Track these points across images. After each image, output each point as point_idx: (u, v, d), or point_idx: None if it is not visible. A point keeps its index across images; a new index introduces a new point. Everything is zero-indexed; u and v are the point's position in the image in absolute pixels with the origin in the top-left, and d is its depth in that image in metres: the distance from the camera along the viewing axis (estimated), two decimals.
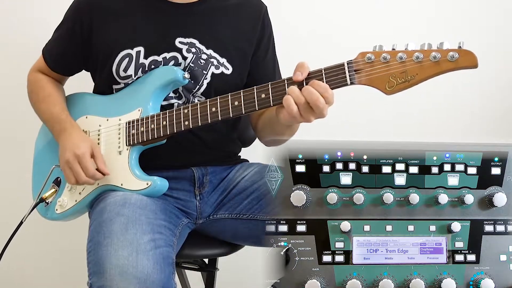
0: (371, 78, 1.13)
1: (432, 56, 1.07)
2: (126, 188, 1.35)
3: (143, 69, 1.41)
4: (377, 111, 2.08)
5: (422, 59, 1.08)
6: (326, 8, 2.09)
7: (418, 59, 1.09)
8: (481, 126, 2.17)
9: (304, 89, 1.17)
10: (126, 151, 1.38)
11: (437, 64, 1.08)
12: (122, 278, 1.10)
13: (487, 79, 2.13)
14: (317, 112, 1.17)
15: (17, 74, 1.71)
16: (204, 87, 1.43)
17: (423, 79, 1.10)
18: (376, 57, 1.12)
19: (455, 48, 1.07)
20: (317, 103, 1.15)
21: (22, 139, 1.77)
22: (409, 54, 1.10)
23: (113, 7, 1.44)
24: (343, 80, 1.16)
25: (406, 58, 1.10)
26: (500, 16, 2.14)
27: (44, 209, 1.49)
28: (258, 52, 1.51)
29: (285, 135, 1.37)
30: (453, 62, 1.06)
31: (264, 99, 1.24)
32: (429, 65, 1.08)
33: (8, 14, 2.00)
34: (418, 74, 1.09)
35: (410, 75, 1.10)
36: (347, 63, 1.16)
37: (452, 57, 1.06)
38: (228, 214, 1.45)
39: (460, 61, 1.06)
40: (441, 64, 1.07)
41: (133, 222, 1.20)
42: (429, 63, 1.08)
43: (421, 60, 1.09)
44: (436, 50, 1.08)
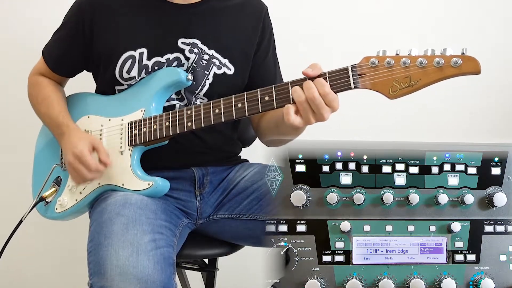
0: (375, 83, 1.13)
1: (436, 61, 1.08)
2: (127, 188, 1.35)
3: (146, 70, 1.41)
4: (377, 111, 2.07)
5: (425, 64, 1.09)
6: (327, 10, 2.09)
7: (422, 64, 1.09)
8: (481, 126, 2.17)
9: (305, 83, 1.17)
10: (128, 151, 1.38)
11: (440, 69, 1.08)
12: (122, 278, 1.10)
13: (487, 79, 2.12)
14: (317, 113, 1.17)
15: (17, 74, 1.71)
16: (206, 87, 1.43)
17: (426, 84, 1.10)
18: (380, 61, 1.13)
19: (458, 54, 1.07)
20: (313, 97, 1.15)
21: (22, 138, 1.77)
22: (412, 59, 1.10)
23: (114, 7, 1.44)
24: (347, 84, 1.16)
25: (410, 63, 1.10)
26: (500, 17, 2.14)
27: (43, 208, 1.48)
28: (258, 53, 1.51)
29: (290, 135, 1.37)
30: (456, 68, 1.07)
31: (268, 101, 1.23)
32: (433, 70, 1.09)
33: (8, 14, 2.00)
34: (421, 79, 1.10)
35: (414, 80, 1.10)
36: (351, 67, 1.16)
37: (456, 63, 1.07)
38: (228, 214, 1.45)
39: (463, 67, 1.07)
40: (444, 70, 1.08)
41: (134, 223, 1.20)
42: (433, 69, 1.09)
43: (424, 66, 1.09)
44: (440, 56, 1.08)
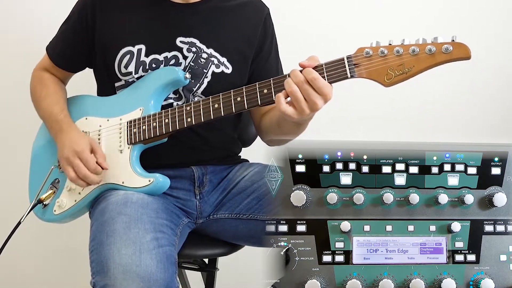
0: (370, 71, 1.17)
1: (427, 49, 1.12)
2: (128, 186, 1.35)
3: (143, 67, 1.42)
4: (377, 111, 2.08)
5: (418, 52, 1.14)
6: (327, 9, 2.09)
7: (414, 52, 1.14)
8: (481, 126, 2.17)
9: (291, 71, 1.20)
10: (127, 149, 1.38)
11: (432, 56, 1.13)
12: (125, 277, 1.10)
13: (487, 79, 2.13)
14: (308, 100, 1.18)
15: (17, 74, 1.71)
16: (204, 86, 1.43)
17: (419, 70, 1.15)
18: (374, 51, 1.17)
19: (449, 41, 1.12)
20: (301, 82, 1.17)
21: (22, 138, 1.77)
22: (405, 48, 1.15)
23: (117, 3, 1.45)
24: (344, 74, 1.19)
25: (403, 52, 1.15)
26: (500, 16, 2.14)
27: (41, 211, 1.48)
28: (260, 55, 1.52)
29: (292, 134, 1.37)
30: (448, 54, 1.11)
31: (266, 94, 1.25)
32: (425, 57, 1.13)
33: (7, 14, 2.00)
34: (414, 66, 1.14)
35: (407, 68, 1.15)
36: (346, 58, 1.19)
37: (447, 49, 1.11)
38: (228, 214, 1.45)
39: (454, 53, 1.11)
40: (436, 56, 1.12)
41: (136, 221, 1.20)
42: (425, 56, 1.13)
43: (417, 53, 1.14)
44: (431, 44, 1.13)
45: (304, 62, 1.21)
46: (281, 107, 1.20)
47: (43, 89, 1.53)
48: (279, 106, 1.20)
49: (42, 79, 1.55)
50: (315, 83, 1.17)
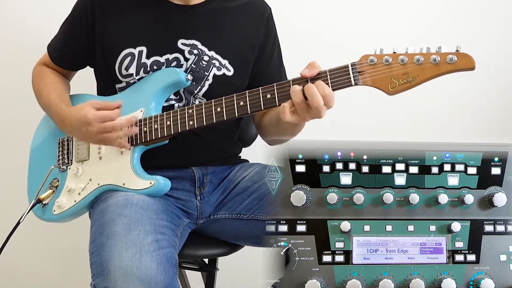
0: (375, 79, 1.17)
1: (432, 58, 1.12)
2: (129, 187, 1.35)
3: (144, 69, 1.42)
4: (377, 111, 2.08)
5: (422, 61, 1.13)
6: (328, 10, 2.09)
7: (419, 61, 1.13)
8: (481, 126, 2.17)
9: (307, 87, 1.18)
10: (128, 151, 1.38)
11: (436, 66, 1.12)
12: (126, 279, 1.10)
13: (487, 79, 2.13)
14: (315, 112, 1.18)
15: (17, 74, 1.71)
16: (206, 88, 1.43)
17: (424, 80, 1.14)
18: (379, 59, 1.17)
19: (454, 52, 1.12)
20: (317, 102, 1.16)
21: (20, 139, 1.77)
22: (410, 57, 1.15)
23: (117, 4, 1.45)
24: (348, 81, 1.19)
25: (408, 61, 1.15)
26: (500, 16, 2.14)
27: (40, 210, 1.47)
28: (262, 56, 1.51)
29: (288, 133, 1.37)
30: (452, 64, 1.11)
31: (270, 99, 1.25)
32: (429, 67, 1.13)
33: (8, 14, 2.00)
34: (419, 75, 1.14)
35: (412, 76, 1.14)
36: (351, 65, 1.19)
37: (451, 59, 1.11)
38: (228, 214, 1.45)
39: (459, 64, 1.11)
40: (440, 66, 1.12)
41: (136, 223, 1.20)
42: (429, 65, 1.13)
43: (421, 63, 1.13)
44: (436, 53, 1.13)
45: (305, 72, 1.20)
46: (285, 117, 1.20)
47: (43, 79, 1.53)
48: (284, 116, 1.20)
49: (42, 72, 1.55)
50: (326, 98, 1.16)
